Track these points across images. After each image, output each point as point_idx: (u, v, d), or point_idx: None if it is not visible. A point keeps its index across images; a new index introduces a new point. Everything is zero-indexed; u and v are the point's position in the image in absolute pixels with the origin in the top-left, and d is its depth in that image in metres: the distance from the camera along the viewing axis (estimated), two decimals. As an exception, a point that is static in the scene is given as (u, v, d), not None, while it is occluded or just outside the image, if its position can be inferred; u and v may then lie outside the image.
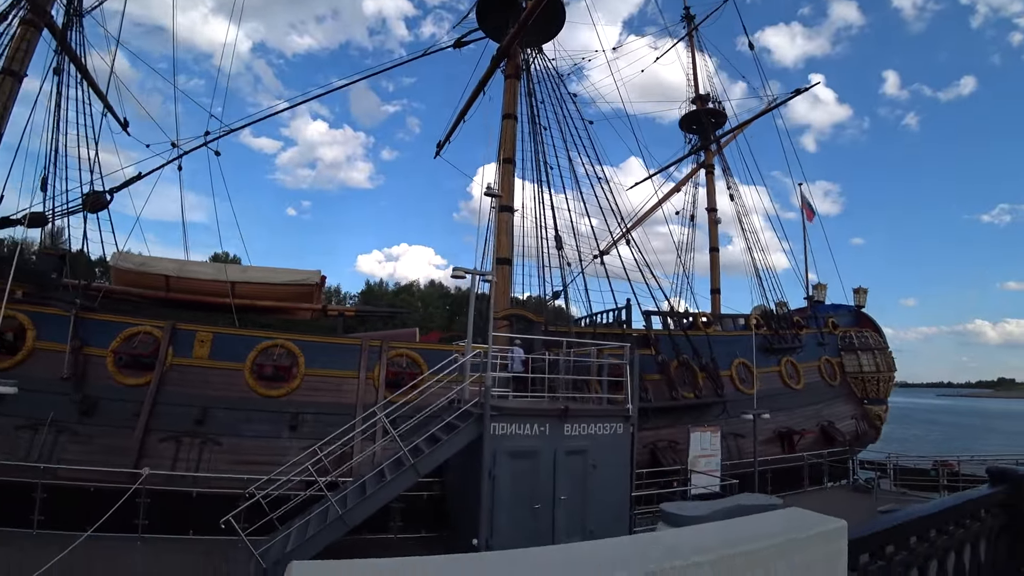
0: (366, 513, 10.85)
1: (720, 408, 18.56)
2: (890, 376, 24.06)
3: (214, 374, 14.83)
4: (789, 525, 2.22)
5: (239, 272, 17.57)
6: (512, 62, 21.55)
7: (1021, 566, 3.94)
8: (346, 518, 10.71)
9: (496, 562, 1.69)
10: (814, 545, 2.14)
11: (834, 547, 2.17)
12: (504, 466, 11.19)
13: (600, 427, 11.98)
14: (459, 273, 13.54)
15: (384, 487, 11.01)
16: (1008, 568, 3.77)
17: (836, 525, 2.25)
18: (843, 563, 2.19)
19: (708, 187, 27.70)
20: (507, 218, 20.30)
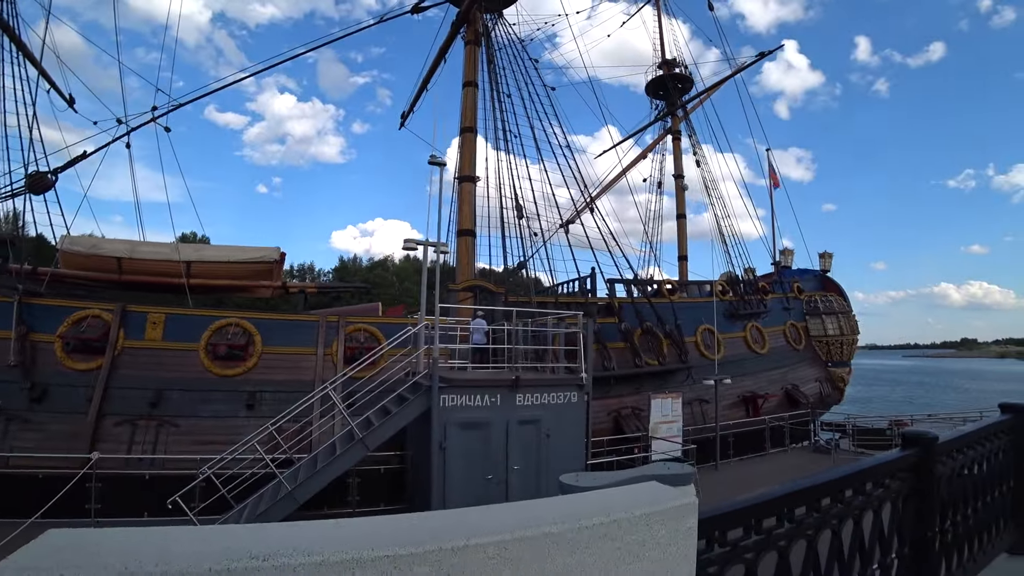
0: (315, 488, 10.79)
1: (685, 374, 18.63)
2: (853, 339, 24.31)
3: (168, 355, 14.55)
4: (640, 500, 2.02)
5: (194, 251, 17.12)
6: (472, 28, 20.91)
7: (929, 529, 3.91)
8: (296, 493, 10.64)
9: (307, 531, 1.42)
10: (661, 522, 1.94)
11: (683, 525, 1.98)
12: (455, 438, 11.13)
13: (553, 396, 11.92)
14: (410, 245, 13.27)
15: (333, 462, 10.94)
16: (916, 531, 3.90)
17: (686, 501, 2.04)
18: (692, 542, 2.01)
19: (675, 153, 27.42)
20: (469, 188, 19.95)
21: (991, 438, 4.80)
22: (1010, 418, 5.48)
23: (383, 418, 11.21)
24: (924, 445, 3.69)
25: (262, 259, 17.48)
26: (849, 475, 3.16)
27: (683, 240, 26.51)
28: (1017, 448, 5.48)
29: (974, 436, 4.45)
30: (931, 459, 3.71)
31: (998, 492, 4.89)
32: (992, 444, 4.77)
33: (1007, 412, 5.59)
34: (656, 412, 15.29)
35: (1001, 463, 4.96)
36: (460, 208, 19.86)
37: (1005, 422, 5.27)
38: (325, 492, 12.63)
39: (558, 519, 1.67)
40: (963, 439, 4.17)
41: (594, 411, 16.82)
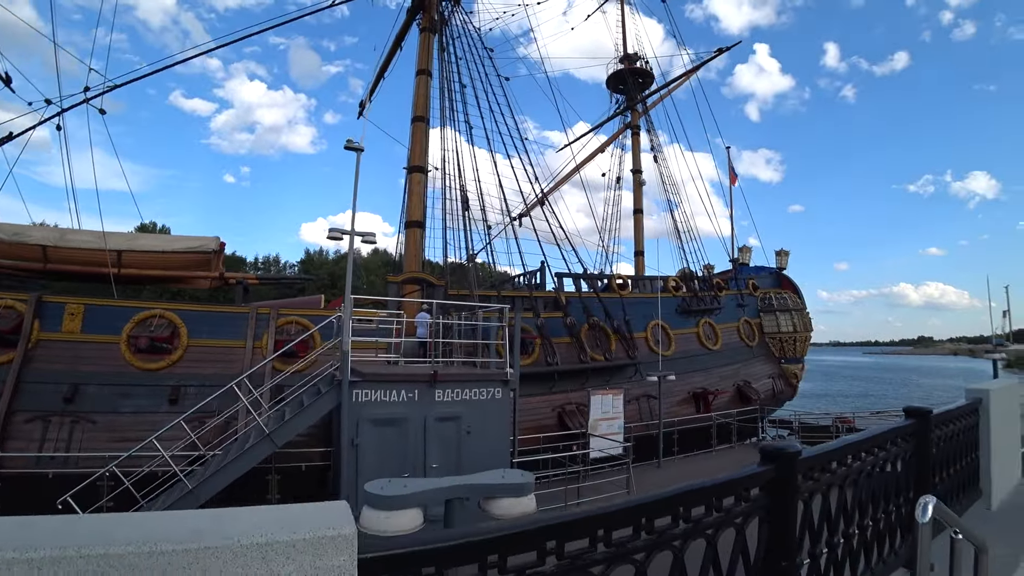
0: (219, 485, 10.24)
1: (633, 370, 18.19)
2: (807, 336, 24.11)
3: (86, 348, 13.82)
4: (276, 524, 1.47)
5: (126, 241, 16.36)
6: (427, 15, 20.31)
7: (786, 557, 3.51)
8: (198, 491, 10.05)
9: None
10: (287, 556, 1.41)
11: (326, 562, 1.43)
12: (368, 434, 10.63)
13: (475, 392, 11.43)
14: (335, 234, 12.72)
15: (237, 458, 10.34)
16: (772, 558, 3.54)
17: (338, 533, 1.47)
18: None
19: (633, 149, 27.02)
20: (419, 179, 19.35)
21: (885, 446, 4.34)
22: (913, 423, 4.99)
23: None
24: (784, 461, 3.16)
25: (199, 249, 16.77)
26: (689, 492, 2.63)
27: (639, 236, 26.19)
28: (921, 456, 5.02)
29: (859, 446, 3.97)
30: (792, 477, 3.19)
31: (892, 506, 4.44)
32: (887, 452, 4.31)
33: (911, 416, 5.09)
34: (596, 408, 14.84)
35: (899, 474, 4.50)
36: (409, 199, 19.26)
37: (905, 428, 4.79)
38: (243, 489, 12.06)
39: (171, 538, 1.29)
40: (839, 451, 3.68)
41: (538, 407, 16.45)
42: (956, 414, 6.07)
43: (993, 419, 6.75)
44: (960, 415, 6.16)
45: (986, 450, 6.67)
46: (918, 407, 5.19)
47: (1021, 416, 8.05)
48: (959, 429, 6.08)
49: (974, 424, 6.61)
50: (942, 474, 5.70)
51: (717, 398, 19.78)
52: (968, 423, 6.41)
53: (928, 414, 5.14)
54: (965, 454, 6.30)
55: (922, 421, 5.09)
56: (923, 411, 5.13)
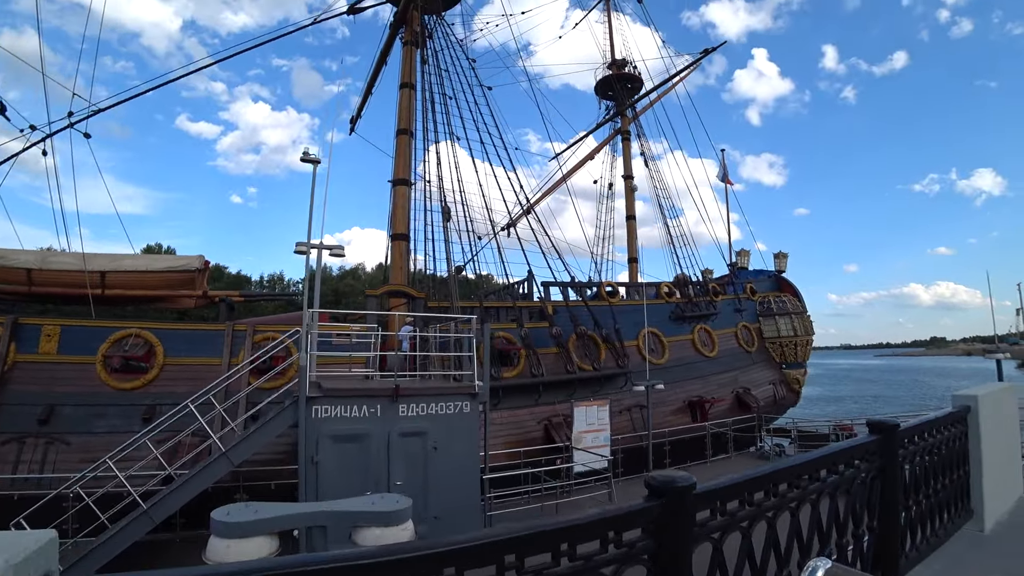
0: (174, 506, 9.68)
1: (624, 380, 17.23)
2: (808, 340, 22.84)
3: (62, 369, 13.43)
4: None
5: (109, 261, 15.99)
6: (410, 28, 19.90)
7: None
8: (152, 512, 9.46)
9: None
10: None
11: None
12: (329, 451, 9.93)
13: (441, 406, 10.66)
14: (301, 248, 12.22)
15: (192, 478, 9.72)
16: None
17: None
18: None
19: (624, 154, 26.14)
20: (404, 192, 18.80)
21: (837, 468, 3.51)
22: (876, 440, 4.11)
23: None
24: (674, 496, 2.36)
25: (183, 268, 16.38)
26: (536, 534, 1.90)
27: (633, 242, 25.21)
28: (887, 477, 4.15)
29: (796, 471, 3.12)
30: (684, 515, 2.38)
31: (847, 539, 3.60)
32: (838, 476, 3.48)
33: (875, 431, 4.20)
34: (580, 420, 13.94)
35: (855, 500, 3.66)
36: (394, 212, 18.70)
37: (866, 445, 3.93)
38: (205, 509, 11.45)
39: None
40: (762, 480, 2.85)
41: (523, 419, 15.61)
42: (937, 425, 5.14)
43: (984, 428, 5.77)
44: (943, 425, 5.23)
45: (976, 464, 5.69)
46: (882, 420, 4.31)
47: (1022, 423, 7.05)
48: (942, 441, 5.14)
49: (961, 435, 5.64)
50: (918, 495, 4.76)
51: (714, 406, 18.71)
52: (954, 434, 5.45)
53: (894, 428, 4.25)
54: (952, 470, 5.34)
55: (887, 436, 4.19)
56: (888, 424, 4.23)
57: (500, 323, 16.54)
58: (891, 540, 4.12)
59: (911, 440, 4.57)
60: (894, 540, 4.16)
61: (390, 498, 5.32)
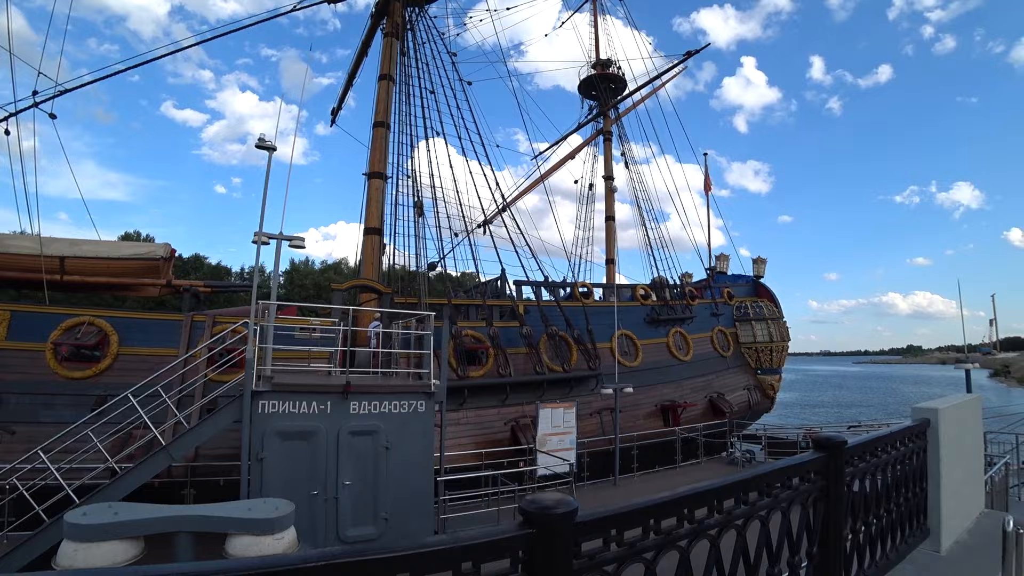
0: (110, 499, 8.89)
1: (595, 382, 16.74)
2: (784, 346, 22.49)
3: (10, 356, 12.72)
4: None
5: (69, 246, 15.24)
6: (391, 20, 19.33)
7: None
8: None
9: None
10: None
11: None
12: (275, 448, 9.35)
13: (395, 405, 10.10)
14: (262, 238, 11.60)
15: (128, 473, 9.12)
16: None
17: None
18: None
19: (606, 155, 25.66)
20: (378, 185, 18.20)
21: (771, 491, 3.02)
22: (820, 459, 3.62)
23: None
24: (547, 527, 1.84)
25: (146, 256, 15.68)
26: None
27: (611, 243, 24.74)
28: (831, 499, 3.67)
29: (716, 494, 2.60)
30: (557, 550, 1.86)
31: (785, 563, 3.11)
32: (771, 499, 2.98)
33: (821, 449, 3.70)
34: (545, 422, 13.42)
35: (795, 521, 3.17)
36: (368, 205, 18.09)
37: (808, 464, 3.45)
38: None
39: None
40: (672, 505, 2.33)
41: (490, 420, 15.07)
42: (892, 440, 4.67)
43: (944, 443, 5.32)
44: (899, 441, 4.76)
45: (935, 481, 5.24)
46: (828, 436, 3.81)
47: (985, 437, 6.60)
48: (897, 458, 4.68)
49: (920, 450, 5.17)
50: (868, 516, 4.28)
51: (687, 411, 18.28)
52: (911, 449, 4.98)
53: (840, 446, 3.75)
54: (908, 487, 4.88)
55: (833, 455, 3.70)
56: (834, 442, 3.73)
57: (469, 321, 16.01)
58: (833, 567, 3.64)
59: (861, 457, 4.11)
60: (836, 567, 3.67)
61: (269, 504, 4.77)
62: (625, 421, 16.93)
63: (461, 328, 15.27)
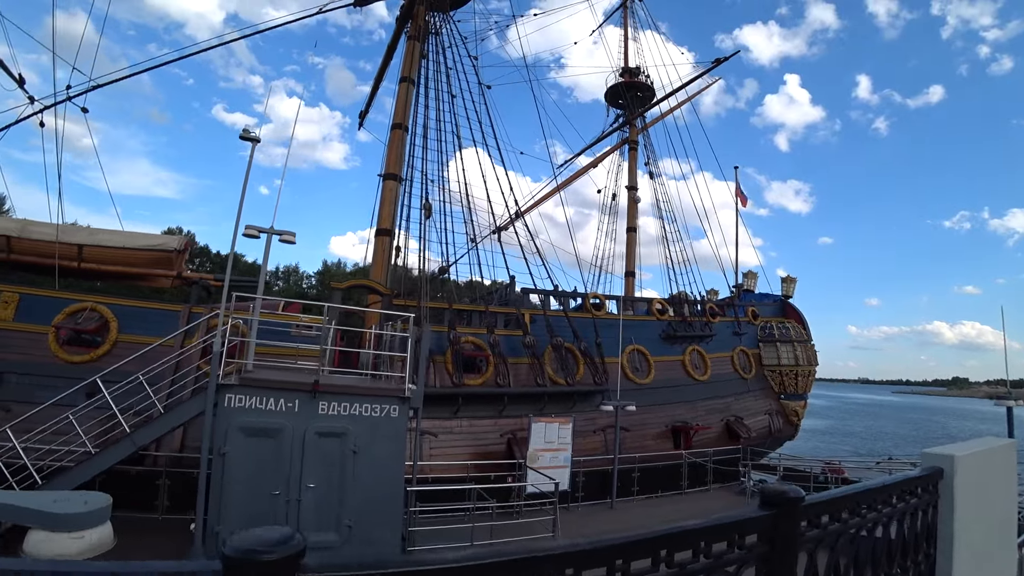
0: (73, 482, 8.87)
1: (600, 398, 15.63)
2: (810, 370, 20.67)
3: (15, 337, 12.74)
4: None
5: (88, 235, 15.41)
6: (415, 23, 19.03)
7: None
8: (51, 487, 8.56)
9: None
10: None
11: None
12: (238, 444, 8.80)
13: (366, 408, 9.38)
14: (252, 232, 11.25)
15: (92, 459, 8.78)
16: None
17: None
18: None
19: (630, 165, 24.50)
20: (392, 186, 17.78)
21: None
22: (766, 518, 2.58)
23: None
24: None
25: (160, 247, 15.70)
26: None
27: (631, 255, 23.49)
28: (774, 567, 2.64)
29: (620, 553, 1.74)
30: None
31: None
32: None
33: (767, 506, 2.64)
34: (537, 437, 12.48)
35: None
36: (380, 206, 17.68)
37: (750, 522, 2.47)
38: (129, 494, 10.59)
39: None
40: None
41: (484, 431, 14.22)
42: (883, 495, 3.52)
43: (961, 500, 4.09)
44: (896, 495, 3.62)
45: (946, 549, 4.03)
46: (779, 489, 2.69)
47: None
48: (894, 515, 3.54)
49: (927, 506, 3.98)
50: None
51: (700, 434, 16.88)
52: (913, 506, 3.81)
53: (795, 504, 2.66)
54: (908, 555, 3.72)
55: (783, 514, 2.64)
56: (786, 497, 2.64)
57: (472, 327, 15.23)
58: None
59: (835, 517, 3.03)
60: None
61: (79, 498, 4.10)
62: (631, 441, 15.75)
63: (460, 334, 14.50)
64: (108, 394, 9.77)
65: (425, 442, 13.21)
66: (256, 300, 10.62)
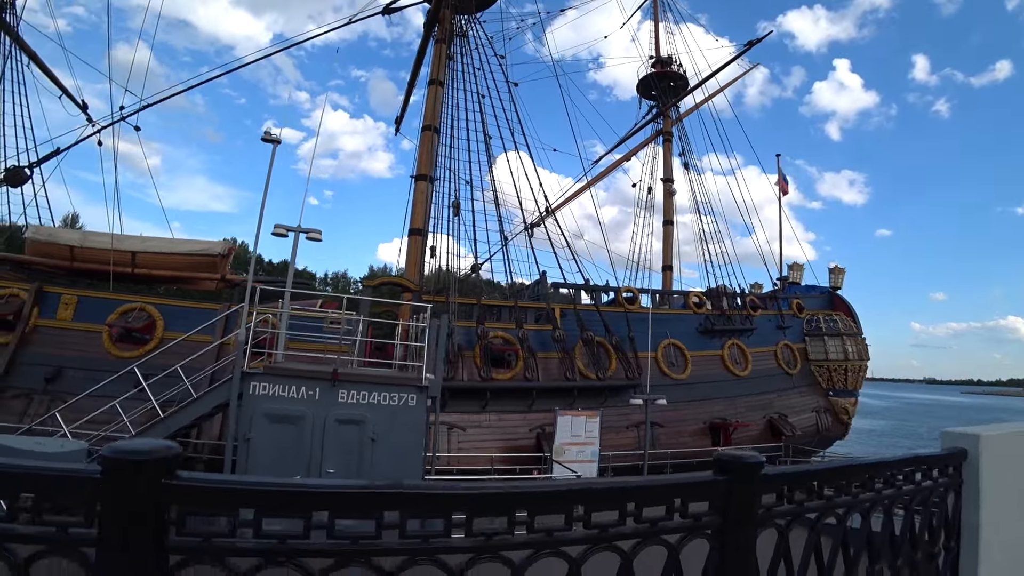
0: None
1: (632, 392, 15.13)
2: (861, 365, 19.25)
3: (74, 335, 13.73)
4: None
5: (140, 243, 16.41)
6: (443, 27, 19.21)
7: None
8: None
9: None
10: None
11: None
12: (262, 430, 9.02)
13: (384, 396, 9.42)
14: (280, 231, 11.66)
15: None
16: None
17: None
18: None
19: (665, 157, 23.64)
20: (423, 187, 17.95)
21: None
22: (722, 481, 2.21)
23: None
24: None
25: (204, 252, 16.53)
26: None
27: (668, 248, 22.68)
28: (728, 553, 2.31)
29: None
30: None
31: None
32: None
33: (722, 472, 2.24)
34: (563, 430, 12.18)
35: None
36: (413, 207, 17.88)
37: (704, 486, 2.13)
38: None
39: None
40: None
41: (514, 425, 14.08)
42: (890, 472, 3.04)
43: (990, 486, 3.50)
44: (906, 473, 3.13)
45: (971, 539, 3.47)
46: (735, 453, 2.24)
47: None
48: (906, 497, 3.05)
49: (949, 491, 3.45)
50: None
51: (740, 431, 16.06)
52: (932, 488, 3.30)
53: (754, 469, 2.21)
54: (924, 544, 3.22)
55: (738, 483, 2.21)
56: (742, 463, 2.17)
57: (501, 323, 15.12)
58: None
59: (818, 493, 2.61)
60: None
61: (55, 443, 4.26)
62: (667, 438, 15.20)
63: (488, 329, 14.41)
64: (146, 384, 10.23)
65: (453, 435, 13.20)
66: (286, 294, 10.98)
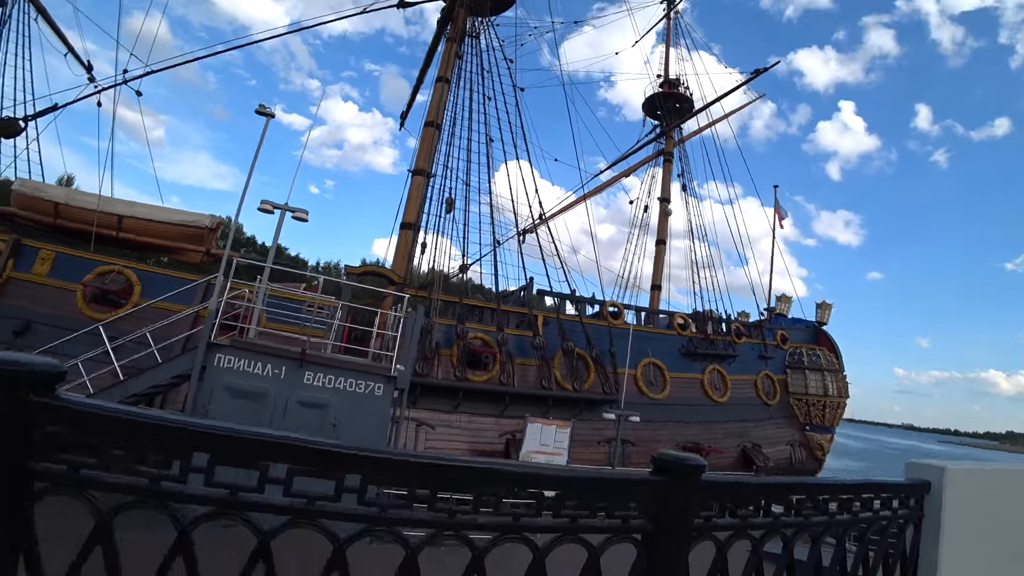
0: None
1: (608, 407, 14.88)
2: (840, 403, 19.09)
3: (48, 291, 13.37)
4: None
5: (127, 207, 16.01)
6: (455, 25, 19.14)
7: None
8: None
9: None
10: None
11: None
12: (223, 403, 8.77)
13: (351, 382, 9.16)
14: (266, 206, 11.43)
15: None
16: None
17: None
18: None
19: (664, 176, 23.58)
20: (419, 182, 17.77)
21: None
22: (659, 482, 1.94)
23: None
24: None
25: (192, 223, 16.17)
26: None
27: (659, 267, 22.49)
28: (657, 547, 2.04)
29: None
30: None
31: None
32: None
33: (659, 473, 1.96)
34: (532, 439, 11.91)
35: None
36: (407, 201, 17.68)
37: (633, 484, 1.85)
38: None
39: None
40: None
41: (483, 428, 13.80)
42: (846, 496, 2.83)
43: (953, 522, 3.29)
44: (864, 500, 2.91)
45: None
46: (675, 454, 1.98)
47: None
48: (862, 525, 2.84)
49: (908, 523, 3.23)
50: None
51: (712, 456, 15.81)
52: (891, 519, 3.08)
53: (693, 472, 1.95)
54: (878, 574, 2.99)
55: (674, 488, 1.95)
56: (681, 464, 1.89)
57: (482, 324, 14.88)
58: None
59: (765, 509, 2.37)
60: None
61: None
62: (638, 456, 14.93)
63: (468, 329, 14.16)
64: (111, 346, 9.91)
65: (421, 432, 12.88)
66: (265, 269, 10.76)
